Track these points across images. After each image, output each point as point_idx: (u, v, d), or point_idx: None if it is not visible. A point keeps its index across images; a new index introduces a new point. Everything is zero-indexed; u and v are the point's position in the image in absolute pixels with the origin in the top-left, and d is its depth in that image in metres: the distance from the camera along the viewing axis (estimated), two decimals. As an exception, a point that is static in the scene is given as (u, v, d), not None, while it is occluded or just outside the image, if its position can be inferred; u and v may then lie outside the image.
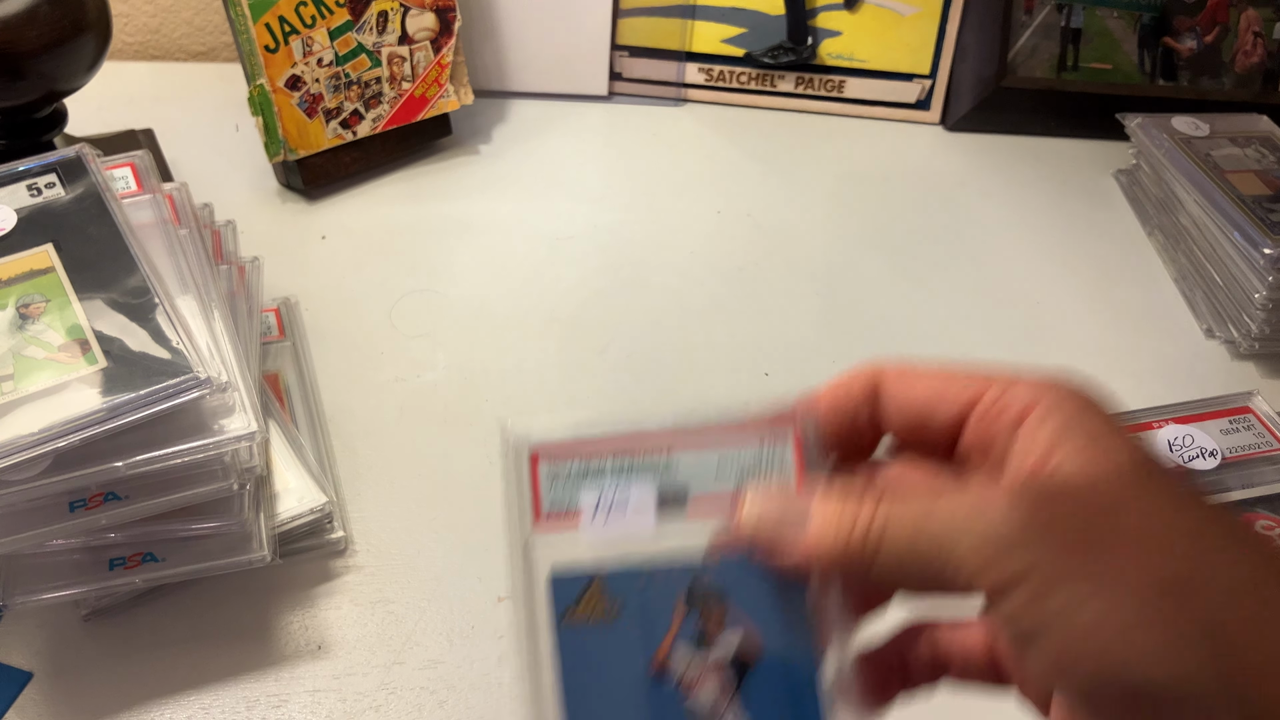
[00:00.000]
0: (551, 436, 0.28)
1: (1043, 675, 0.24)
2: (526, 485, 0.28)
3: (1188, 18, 0.82)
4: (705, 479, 0.28)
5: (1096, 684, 0.22)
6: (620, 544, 0.28)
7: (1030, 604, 0.22)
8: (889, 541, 0.24)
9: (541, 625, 0.27)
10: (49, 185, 0.45)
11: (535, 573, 0.27)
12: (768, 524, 0.27)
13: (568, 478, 0.28)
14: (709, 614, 0.27)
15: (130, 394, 0.38)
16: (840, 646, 0.28)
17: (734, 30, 0.83)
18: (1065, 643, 0.22)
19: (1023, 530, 0.23)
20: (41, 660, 0.44)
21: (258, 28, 0.65)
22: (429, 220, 0.70)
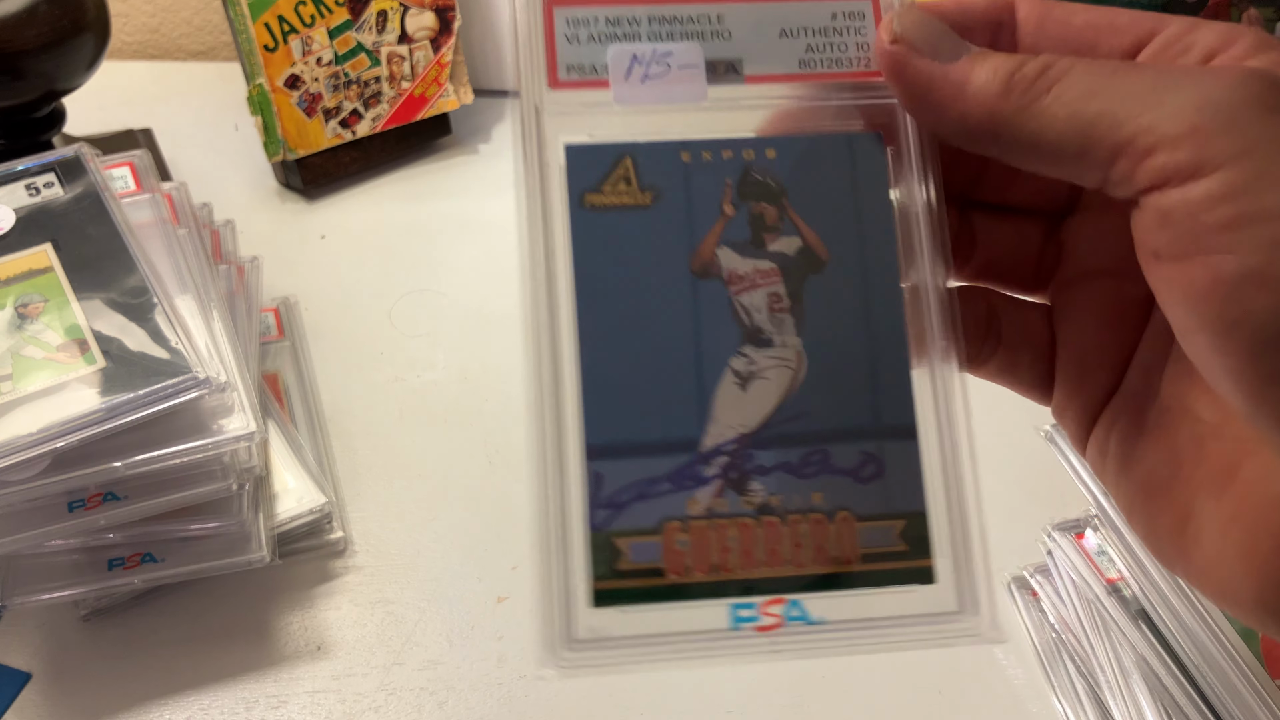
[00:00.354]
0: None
1: (1220, 290, 0.18)
2: (539, 35, 0.23)
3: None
4: (765, 50, 0.23)
5: None
6: (660, 111, 0.23)
7: (1241, 189, 0.18)
8: (1065, 86, 0.20)
9: (556, 208, 0.22)
10: (48, 185, 0.45)
11: (548, 142, 0.22)
12: (920, 34, 0.22)
13: (592, 34, 0.23)
14: (764, 210, 0.23)
15: (129, 394, 0.38)
16: (930, 271, 0.23)
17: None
18: (1274, 250, 0.18)
19: (1256, 102, 0.18)
20: (40, 661, 0.44)
21: (257, 27, 0.65)
22: (429, 220, 0.70)
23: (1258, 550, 0.20)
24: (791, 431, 0.22)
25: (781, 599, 0.22)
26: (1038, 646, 0.45)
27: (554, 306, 0.22)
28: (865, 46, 0.24)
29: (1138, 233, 0.21)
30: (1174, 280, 0.20)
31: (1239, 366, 0.19)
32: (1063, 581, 0.44)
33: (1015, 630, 0.46)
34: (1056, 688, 0.44)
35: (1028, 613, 0.46)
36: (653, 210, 0.23)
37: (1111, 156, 0.20)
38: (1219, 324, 0.19)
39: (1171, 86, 0.19)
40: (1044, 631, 0.45)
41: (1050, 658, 0.44)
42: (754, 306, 0.23)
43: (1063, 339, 0.26)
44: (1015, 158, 0.22)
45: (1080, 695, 0.42)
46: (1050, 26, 0.23)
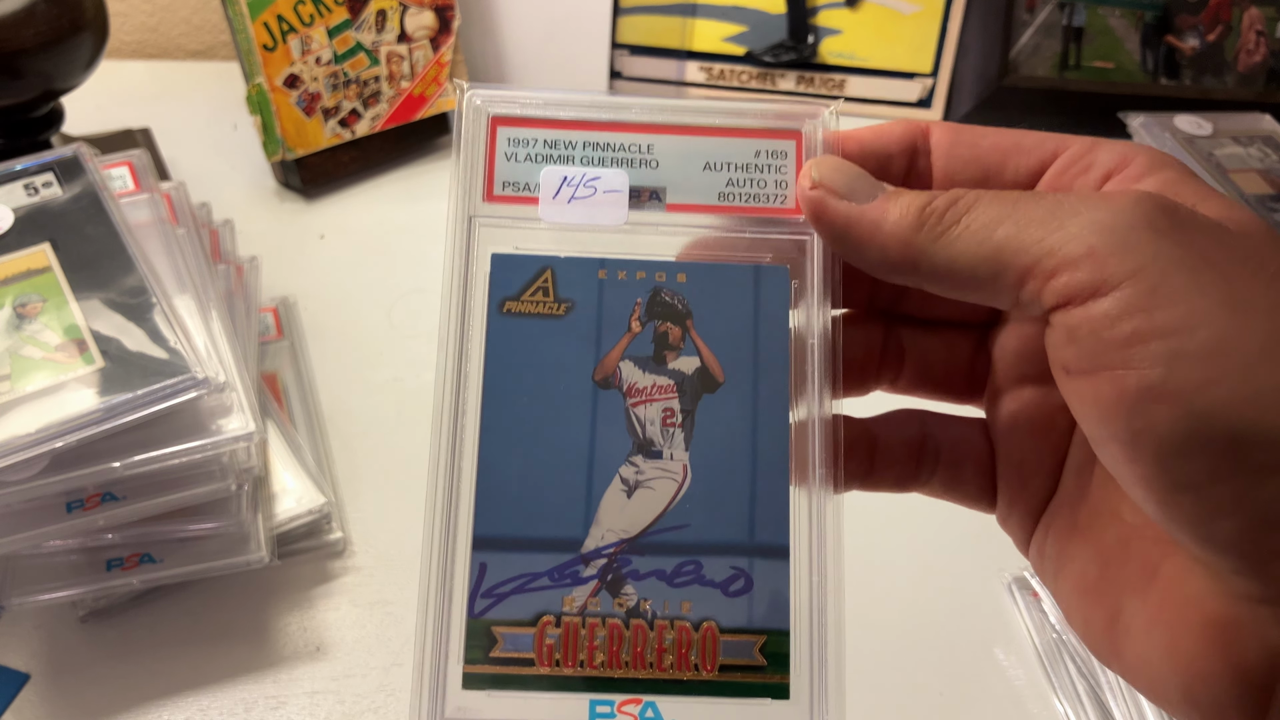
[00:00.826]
0: (518, 109, 0.24)
1: (1125, 403, 0.19)
2: (481, 153, 0.24)
3: (1190, 16, 0.82)
4: (688, 181, 0.25)
5: (1199, 422, 0.19)
6: (583, 231, 0.24)
7: (1137, 308, 0.19)
8: (973, 217, 0.21)
9: (476, 311, 0.24)
10: (46, 184, 0.45)
11: (476, 250, 0.24)
12: (838, 179, 0.23)
13: (530, 154, 0.24)
14: (668, 329, 0.24)
15: (128, 394, 0.38)
16: (819, 399, 0.24)
17: (735, 28, 0.82)
18: (1171, 364, 0.19)
19: (1147, 225, 0.20)
20: (39, 661, 0.44)
21: (255, 26, 0.65)
22: (428, 220, 0.70)
23: (1180, 649, 0.21)
24: (669, 541, 0.24)
25: (638, 699, 0.23)
26: (1038, 647, 0.45)
27: (462, 402, 0.24)
28: (784, 184, 0.25)
29: (1049, 349, 0.22)
30: (1083, 394, 0.21)
31: (1147, 474, 0.20)
32: (1063, 582, 0.44)
33: (1016, 631, 0.46)
34: (1057, 688, 0.44)
35: (1028, 613, 0.46)
36: (565, 320, 0.24)
37: (1020, 279, 0.21)
38: (1126, 435, 0.20)
39: (1070, 212, 0.20)
40: (1045, 632, 0.45)
41: (1051, 658, 0.44)
42: (648, 419, 0.24)
43: (1000, 450, 0.27)
44: (933, 285, 0.23)
45: (1081, 696, 0.42)
46: (961, 149, 0.25)
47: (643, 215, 0.25)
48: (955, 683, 0.44)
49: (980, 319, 0.28)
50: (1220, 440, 0.19)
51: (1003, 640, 0.46)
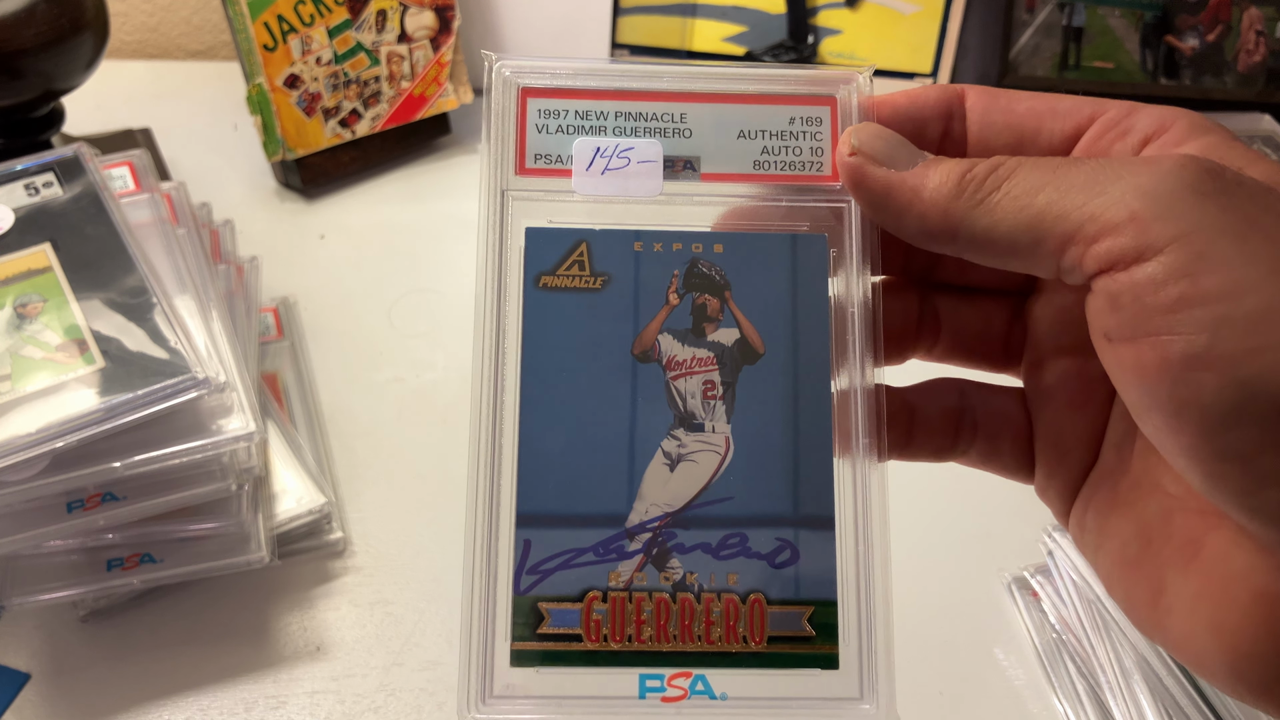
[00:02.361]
0: (548, 79, 0.24)
1: (1169, 371, 0.19)
2: (512, 126, 0.24)
3: (1190, 16, 0.82)
4: (722, 150, 0.24)
5: (1245, 390, 0.18)
6: (618, 202, 0.24)
7: (1182, 273, 0.18)
8: (1014, 184, 0.21)
9: (511, 287, 0.24)
10: (46, 184, 0.45)
11: (510, 224, 0.24)
12: (878, 146, 0.23)
13: (561, 125, 0.24)
14: (706, 301, 0.24)
15: (128, 394, 0.38)
16: (861, 368, 0.24)
17: (735, 29, 0.82)
18: (1217, 330, 0.18)
19: (1192, 189, 0.19)
20: (39, 661, 0.44)
21: (256, 26, 0.65)
22: (428, 220, 0.70)
23: (1226, 624, 0.21)
24: (713, 514, 0.24)
25: (688, 673, 0.23)
26: (1038, 647, 0.45)
27: (501, 379, 0.23)
28: (819, 151, 0.25)
29: (1090, 316, 0.21)
30: (1125, 361, 0.20)
31: (1191, 444, 0.19)
32: (1063, 582, 0.44)
33: (1016, 631, 0.46)
34: (1057, 688, 0.44)
35: (1028, 613, 0.46)
36: (602, 294, 0.24)
37: (1061, 246, 0.21)
38: (1170, 404, 0.19)
39: (1112, 177, 0.20)
40: (1045, 632, 0.45)
41: (1051, 658, 0.44)
42: (689, 392, 0.24)
43: (1038, 421, 0.27)
44: (973, 254, 0.23)
45: (1081, 695, 0.42)
46: (995, 114, 0.24)
47: (677, 185, 0.24)
48: (955, 682, 0.44)
49: (1016, 287, 0.27)
50: (1268, 409, 0.18)
51: (1003, 640, 0.46)
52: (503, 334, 0.24)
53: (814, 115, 0.25)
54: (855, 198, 0.24)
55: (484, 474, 0.23)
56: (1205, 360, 0.18)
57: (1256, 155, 0.21)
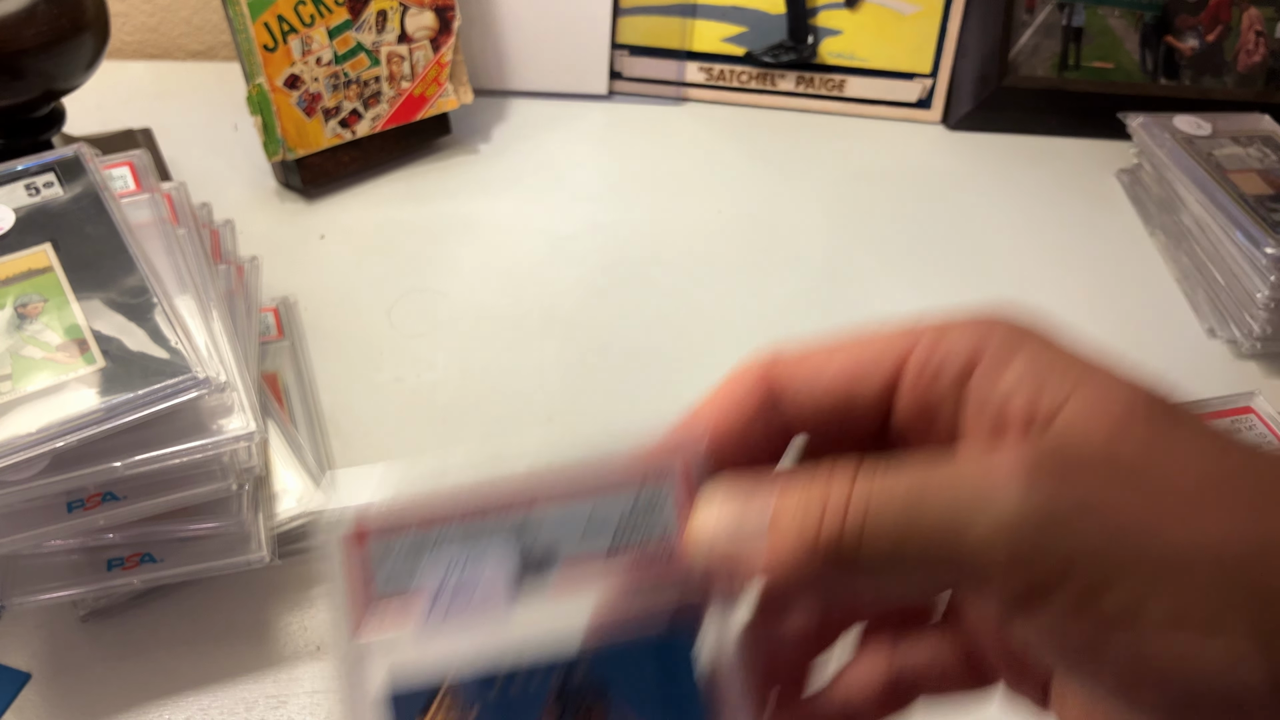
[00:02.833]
0: (380, 507, 0.22)
1: (1100, 692, 0.19)
2: (349, 574, 0.22)
3: (1190, 16, 0.82)
4: (575, 536, 0.23)
5: (1184, 698, 0.17)
6: (469, 636, 0.23)
7: (1081, 608, 0.17)
8: (874, 522, 0.18)
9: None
10: (47, 184, 0.45)
11: (369, 686, 0.22)
12: (723, 544, 0.21)
13: (403, 554, 0.23)
14: (587, 715, 0.23)
15: (128, 394, 0.38)
16: None
17: (734, 29, 0.83)
18: (1135, 652, 0.17)
19: (1052, 513, 0.18)
20: (39, 661, 0.44)
21: (256, 26, 0.65)
22: (429, 220, 0.70)
23: None
24: None
25: None
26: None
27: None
28: (670, 525, 0.23)
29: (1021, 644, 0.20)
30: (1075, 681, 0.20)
31: None
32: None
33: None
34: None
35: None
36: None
37: (965, 578, 0.19)
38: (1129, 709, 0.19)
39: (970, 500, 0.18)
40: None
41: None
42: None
43: None
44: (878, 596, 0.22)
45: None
46: (809, 391, 0.22)
47: (532, 592, 0.23)
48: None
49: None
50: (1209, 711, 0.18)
51: (1002, 640, 0.46)
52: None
53: (657, 494, 0.23)
54: None
55: None
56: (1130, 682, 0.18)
57: (1075, 365, 0.20)
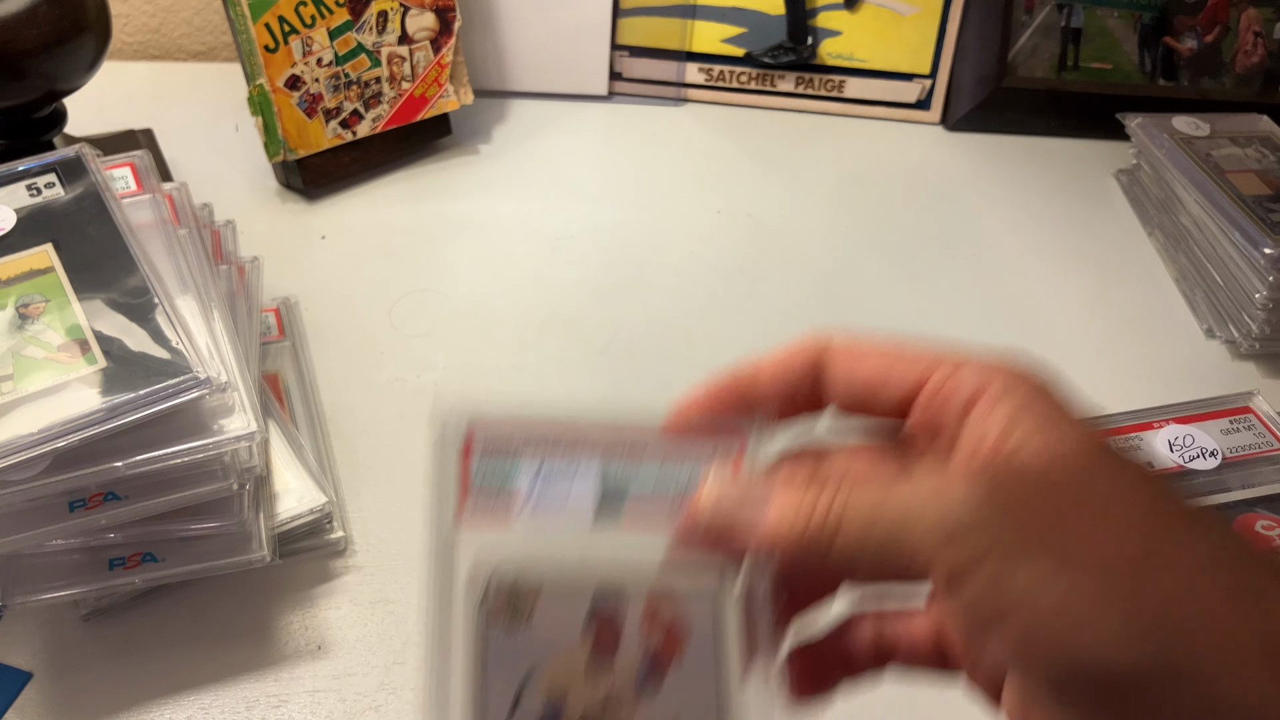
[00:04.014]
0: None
1: (1004, 662, 0.23)
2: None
3: (1188, 17, 0.82)
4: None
5: (1065, 670, 0.21)
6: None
7: (990, 586, 0.22)
8: (847, 525, 0.24)
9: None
10: (48, 185, 0.45)
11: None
12: (726, 506, 0.26)
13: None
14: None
15: (130, 394, 0.38)
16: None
17: (734, 30, 0.83)
18: (1029, 626, 0.22)
19: (980, 510, 0.22)
20: (41, 660, 0.44)
21: (257, 27, 0.65)
22: (429, 220, 0.70)
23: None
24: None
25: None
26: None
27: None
28: None
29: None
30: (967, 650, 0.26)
31: None
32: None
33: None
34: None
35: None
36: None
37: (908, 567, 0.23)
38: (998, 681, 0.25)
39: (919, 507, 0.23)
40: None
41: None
42: None
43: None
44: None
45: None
46: (844, 375, 0.27)
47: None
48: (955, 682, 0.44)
49: None
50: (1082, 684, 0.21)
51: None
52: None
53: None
54: None
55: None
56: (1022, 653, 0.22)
57: (1050, 419, 0.24)
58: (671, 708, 0.26)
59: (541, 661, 0.26)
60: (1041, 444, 0.23)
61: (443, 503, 0.26)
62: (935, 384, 0.26)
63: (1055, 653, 0.21)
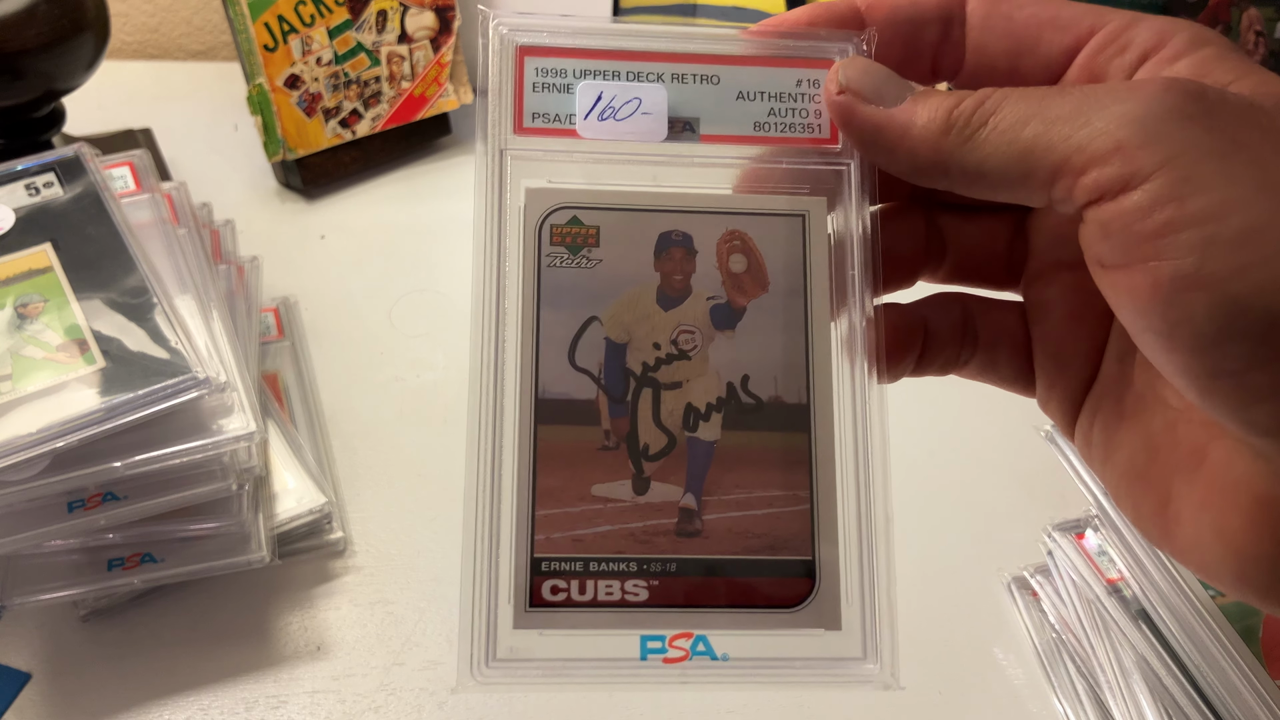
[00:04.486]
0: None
1: (1160, 294, 0.19)
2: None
3: (1189, 17, 0.82)
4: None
5: (1234, 309, 0.19)
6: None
7: (1168, 197, 0.19)
8: (996, 120, 0.21)
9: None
10: (47, 185, 0.45)
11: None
12: (866, 82, 0.23)
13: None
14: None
15: (129, 394, 0.38)
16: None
17: (734, 29, 0.82)
18: (1204, 252, 0.19)
19: (1175, 112, 0.19)
20: (40, 661, 0.44)
21: (256, 27, 0.65)
22: (429, 220, 0.70)
23: (1230, 529, 0.21)
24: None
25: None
26: (1038, 647, 0.45)
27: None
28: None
29: (1084, 244, 0.22)
30: (1119, 286, 0.21)
31: (1186, 363, 0.20)
32: (1063, 582, 0.44)
33: (1016, 631, 0.46)
34: (1057, 688, 0.44)
35: (1028, 613, 0.46)
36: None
37: (1050, 179, 0.21)
38: (1163, 326, 0.20)
39: (1097, 106, 0.20)
40: (1044, 632, 0.45)
41: (1050, 658, 0.44)
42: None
43: (1038, 333, 0.27)
44: (965, 188, 0.23)
45: (1080, 695, 0.42)
46: (996, 20, 0.24)
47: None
48: (955, 683, 0.44)
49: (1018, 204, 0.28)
50: (1256, 326, 0.18)
51: (1002, 640, 0.46)
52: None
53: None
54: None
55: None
56: (1194, 281, 0.19)
57: (1251, 67, 0.22)
58: (748, 348, 0.24)
59: (606, 300, 0.24)
60: (1246, 85, 0.21)
61: (498, 116, 0.23)
62: (1106, 36, 0.23)
63: (1231, 287, 0.19)
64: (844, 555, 0.24)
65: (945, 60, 0.25)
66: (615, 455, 0.24)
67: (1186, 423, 0.23)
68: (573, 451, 0.24)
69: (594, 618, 0.23)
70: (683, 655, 0.23)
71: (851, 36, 0.24)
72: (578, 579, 0.23)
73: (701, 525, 0.24)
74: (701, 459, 0.24)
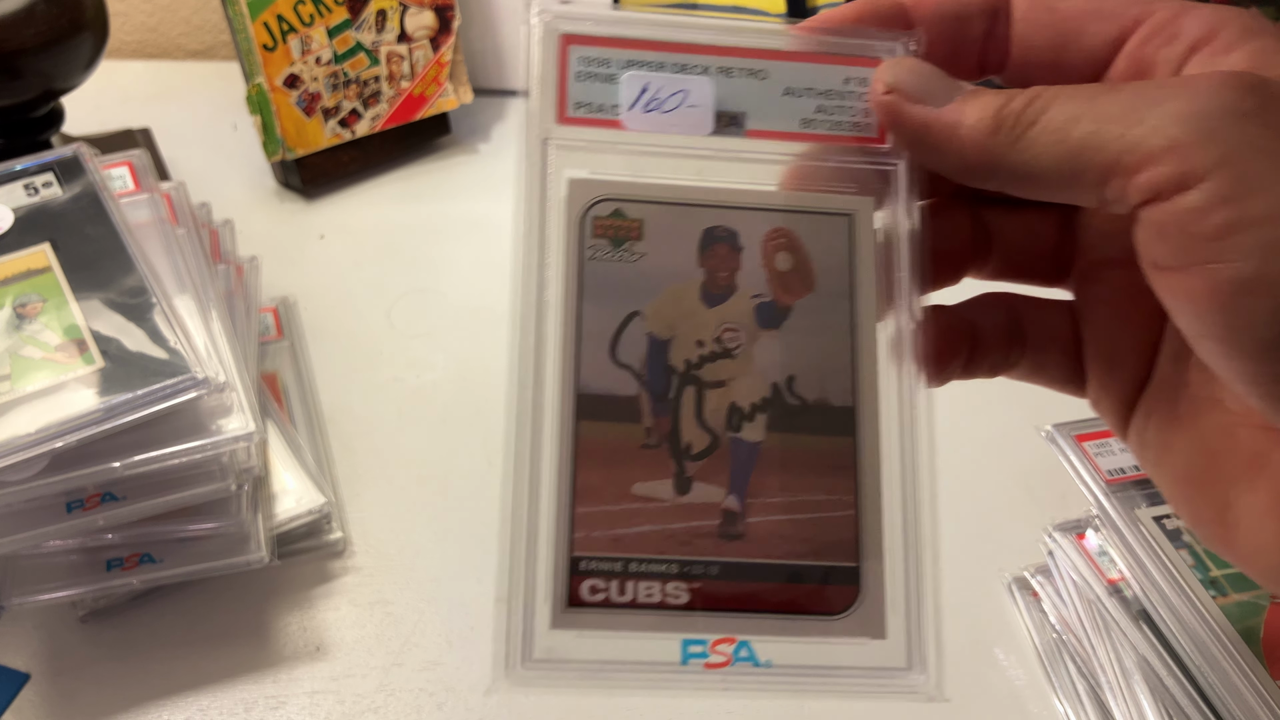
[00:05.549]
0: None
1: (1219, 298, 0.19)
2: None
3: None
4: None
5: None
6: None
7: (1225, 197, 0.18)
8: (1046, 119, 0.21)
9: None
10: (46, 184, 0.45)
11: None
12: (913, 81, 0.23)
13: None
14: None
15: (128, 394, 0.38)
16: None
17: (734, 29, 0.82)
18: (1265, 255, 0.18)
19: (1231, 108, 0.19)
20: (39, 661, 0.44)
21: (255, 26, 0.65)
22: (428, 219, 0.70)
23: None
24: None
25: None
26: (1038, 647, 0.45)
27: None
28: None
29: (1138, 246, 0.21)
30: (1176, 289, 0.20)
31: (1248, 369, 0.19)
32: (1064, 582, 0.44)
33: (1016, 631, 0.46)
34: (1057, 688, 0.44)
35: (1028, 613, 0.46)
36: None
37: (1102, 178, 0.20)
38: (1222, 330, 0.19)
39: (1150, 104, 0.20)
40: (1045, 632, 0.45)
41: (1051, 658, 0.44)
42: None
43: (1089, 332, 0.26)
44: (1015, 188, 0.22)
45: (1081, 696, 0.42)
46: (1039, 13, 0.24)
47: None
48: (955, 683, 0.44)
49: None
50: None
51: (1003, 640, 0.46)
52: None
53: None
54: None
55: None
56: (1255, 286, 0.18)
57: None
58: (794, 348, 0.24)
59: (648, 295, 0.23)
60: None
61: (539, 110, 0.23)
62: (1153, 26, 0.22)
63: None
64: (889, 563, 0.24)
65: (991, 55, 0.25)
66: (656, 454, 0.23)
67: (1246, 427, 0.22)
68: (613, 448, 0.23)
69: (634, 619, 0.22)
70: (725, 661, 0.22)
71: (900, 37, 0.24)
72: (617, 579, 0.22)
73: (744, 528, 0.23)
74: (745, 460, 0.23)
